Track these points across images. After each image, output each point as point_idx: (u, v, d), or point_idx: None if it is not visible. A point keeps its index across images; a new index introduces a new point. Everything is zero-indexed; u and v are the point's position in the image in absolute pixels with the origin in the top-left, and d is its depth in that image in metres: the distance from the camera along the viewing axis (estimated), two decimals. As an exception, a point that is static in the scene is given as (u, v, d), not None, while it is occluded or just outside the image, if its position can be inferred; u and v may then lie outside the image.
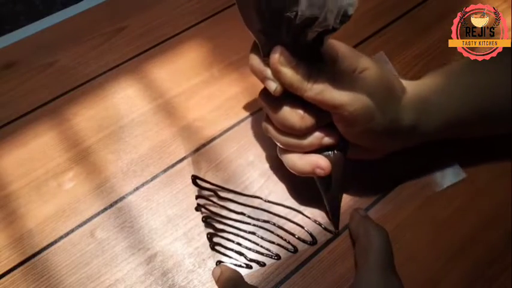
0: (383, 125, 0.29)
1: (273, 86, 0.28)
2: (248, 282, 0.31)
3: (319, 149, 0.31)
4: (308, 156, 0.30)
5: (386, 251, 0.30)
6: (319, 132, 0.30)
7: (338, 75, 0.27)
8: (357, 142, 0.31)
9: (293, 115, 0.29)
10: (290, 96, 0.28)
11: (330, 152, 0.31)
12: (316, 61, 0.27)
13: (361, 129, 0.29)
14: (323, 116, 0.29)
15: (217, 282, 0.31)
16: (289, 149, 0.31)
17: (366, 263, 0.29)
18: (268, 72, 0.28)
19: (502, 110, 0.32)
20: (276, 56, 0.27)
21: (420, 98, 0.31)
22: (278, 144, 0.32)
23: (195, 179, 0.35)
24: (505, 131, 0.35)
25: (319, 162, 0.30)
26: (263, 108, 0.31)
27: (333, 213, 0.34)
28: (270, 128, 0.31)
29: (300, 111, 0.29)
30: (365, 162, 0.34)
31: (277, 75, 0.28)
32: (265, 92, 0.30)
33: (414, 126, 0.30)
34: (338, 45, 0.29)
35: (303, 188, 0.36)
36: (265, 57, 0.28)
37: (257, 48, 0.29)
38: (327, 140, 0.30)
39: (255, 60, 0.29)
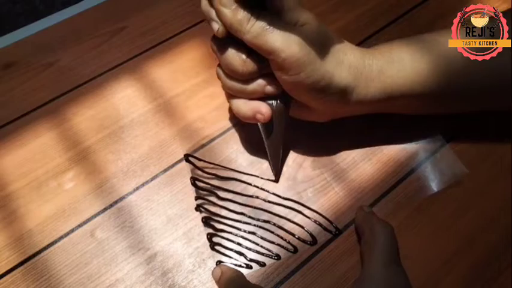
0: (313, 78, 0.29)
1: (215, 26, 0.30)
2: (248, 282, 0.31)
3: (263, 98, 0.32)
4: (251, 102, 0.32)
5: (390, 246, 0.30)
6: (262, 80, 0.32)
7: (277, 23, 0.29)
8: (292, 94, 0.32)
9: (236, 58, 0.30)
10: (235, 41, 0.30)
11: (272, 101, 0.33)
12: (260, 8, 0.29)
13: (293, 80, 0.30)
14: (265, 63, 0.30)
15: (218, 282, 0.31)
16: (236, 94, 0.33)
17: (370, 258, 0.30)
18: (213, 13, 0.30)
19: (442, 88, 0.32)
20: None
21: (360, 63, 0.31)
22: (226, 89, 0.33)
23: (194, 180, 0.35)
24: (440, 112, 0.36)
25: (260, 108, 0.32)
26: (214, 52, 0.32)
27: (273, 162, 0.36)
28: (220, 72, 0.33)
29: (243, 56, 0.30)
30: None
31: (219, 16, 0.29)
32: (214, 35, 0.31)
33: (346, 89, 0.31)
34: None
35: (303, 188, 0.36)
36: None
37: None
38: (270, 89, 0.32)
39: (203, 1, 0.31)
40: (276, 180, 0.37)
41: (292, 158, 0.38)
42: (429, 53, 0.32)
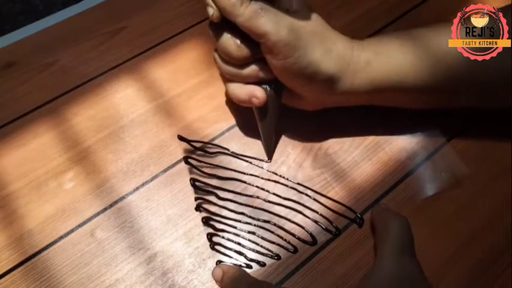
0: (300, 64, 0.30)
1: (210, 11, 0.31)
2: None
3: (258, 83, 0.33)
4: (247, 86, 0.33)
5: (402, 236, 0.30)
6: (256, 65, 0.33)
7: (269, 8, 0.29)
8: (282, 80, 0.33)
9: (231, 43, 0.31)
10: (231, 26, 0.31)
11: (266, 86, 0.34)
12: None
13: (281, 65, 0.31)
14: (259, 48, 0.31)
15: (220, 282, 0.31)
16: (231, 79, 0.34)
17: (382, 250, 0.30)
18: None
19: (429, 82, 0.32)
20: None
21: (348, 53, 0.32)
22: (223, 73, 0.34)
23: (194, 182, 0.35)
24: (431, 106, 0.36)
25: (255, 92, 0.33)
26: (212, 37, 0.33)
27: (266, 144, 0.38)
28: (217, 57, 0.34)
29: (237, 41, 0.31)
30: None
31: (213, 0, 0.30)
32: (211, 21, 0.32)
33: (333, 78, 0.32)
34: None
35: (303, 187, 0.36)
36: None
37: None
38: (263, 74, 0.33)
39: None
40: (269, 160, 0.38)
41: (292, 157, 0.38)
42: (417, 47, 0.32)
